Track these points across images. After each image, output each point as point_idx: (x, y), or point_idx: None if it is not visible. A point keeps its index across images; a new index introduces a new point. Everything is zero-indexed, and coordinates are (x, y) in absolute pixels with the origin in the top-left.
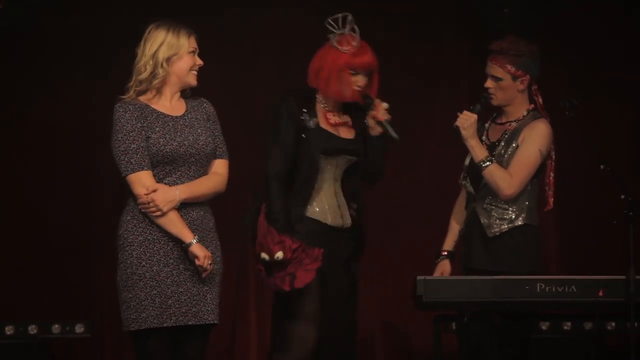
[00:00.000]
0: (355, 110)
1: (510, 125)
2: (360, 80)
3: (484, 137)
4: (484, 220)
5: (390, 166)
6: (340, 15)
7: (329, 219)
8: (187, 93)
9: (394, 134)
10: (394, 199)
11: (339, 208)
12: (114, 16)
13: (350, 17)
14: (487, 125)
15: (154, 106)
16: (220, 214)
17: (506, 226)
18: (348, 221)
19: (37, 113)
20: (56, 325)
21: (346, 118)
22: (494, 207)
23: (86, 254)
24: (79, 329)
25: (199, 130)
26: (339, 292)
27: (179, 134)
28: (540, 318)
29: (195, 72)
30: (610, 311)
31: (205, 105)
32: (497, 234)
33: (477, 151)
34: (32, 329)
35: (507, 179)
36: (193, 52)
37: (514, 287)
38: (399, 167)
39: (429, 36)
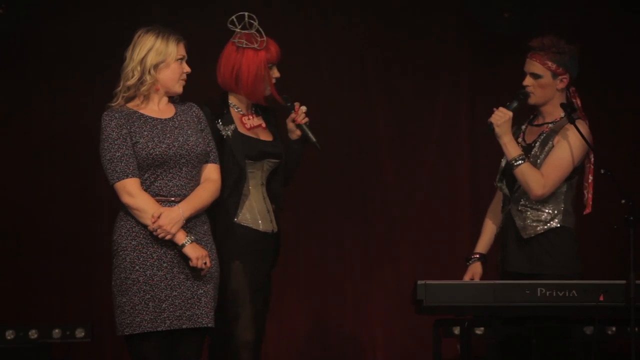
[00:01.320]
0: (267, 112)
1: (547, 127)
2: (275, 73)
3: (519, 139)
4: (518, 222)
5: (390, 168)
6: (239, 14)
7: (260, 225)
8: (175, 98)
9: (312, 138)
10: (394, 201)
11: (268, 213)
12: (111, 19)
13: (247, 15)
14: (523, 127)
15: (141, 111)
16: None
17: (541, 228)
18: (276, 226)
19: (35, 116)
20: (56, 330)
21: (260, 120)
22: (528, 208)
23: (86, 259)
24: (79, 333)
25: (189, 132)
26: (262, 301)
27: (167, 135)
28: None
29: (183, 80)
30: (611, 316)
31: (194, 109)
32: (532, 235)
33: (510, 149)
34: (33, 334)
35: (538, 179)
36: (181, 59)
37: (515, 292)
38: (398, 169)
39: (430, 39)
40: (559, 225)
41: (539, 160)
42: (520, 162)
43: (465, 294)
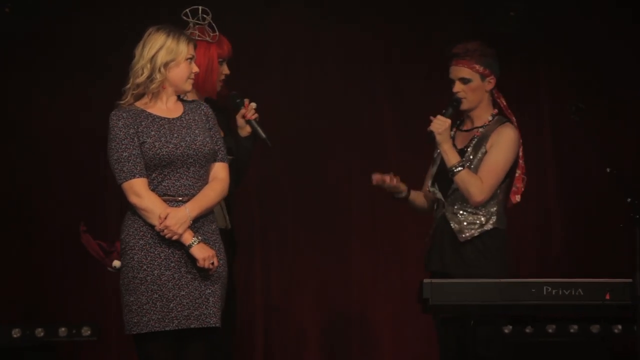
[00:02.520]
0: (218, 108)
1: (477, 131)
2: (225, 69)
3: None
4: (454, 225)
5: (396, 166)
6: (193, 8)
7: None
8: (183, 96)
9: (262, 134)
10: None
11: (222, 209)
12: (116, 19)
13: (202, 9)
14: (452, 132)
15: (149, 110)
16: None
17: (477, 231)
18: (229, 223)
19: (43, 115)
20: (63, 329)
21: None
22: (463, 212)
23: (93, 257)
24: (86, 332)
25: (197, 131)
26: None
27: (175, 135)
28: (546, 321)
29: (192, 79)
30: (616, 314)
31: (203, 107)
32: (469, 238)
33: (450, 156)
34: (39, 332)
35: (478, 185)
36: (190, 59)
37: (521, 290)
38: (404, 168)
39: (434, 40)
40: (492, 227)
41: (472, 165)
42: (460, 168)
43: (471, 292)
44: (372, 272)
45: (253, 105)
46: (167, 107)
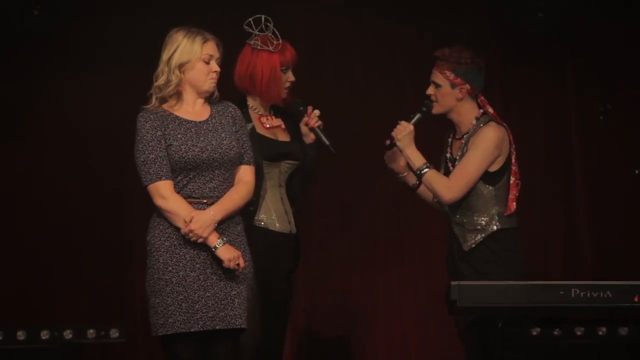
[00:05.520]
0: (286, 114)
1: (463, 138)
2: (290, 76)
3: (448, 154)
4: (459, 234)
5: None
6: (256, 17)
7: (276, 226)
8: (214, 98)
9: (326, 141)
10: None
11: (286, 214)
12: (150, 19)
13: (264, 18)
14: (449, 140)
15: (176, 113)
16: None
17: (480, 236)
18: (294, 227)
19: (68, 115)
20: (91, 330)
21: (279, 121)
22: (464, 219)
23: (120, 258)
24: (114, 333)
25: (223, 135)
26: (279, 303)
27: (201, 139)
28: (574, 323)
29: (212, 79)
30: None
31: (231, 109)
32: (473, 245)
33: (414, 160)
34: (68, 334)
35: (444, 184)
36: (208, 58)
37: (549, 292)
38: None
39: (461, 43)
40: (496, 229)
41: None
42: (425, 170)
43: (499, 294)
44: (397, 274)
45: (316, 112)
46: (193, 110)
